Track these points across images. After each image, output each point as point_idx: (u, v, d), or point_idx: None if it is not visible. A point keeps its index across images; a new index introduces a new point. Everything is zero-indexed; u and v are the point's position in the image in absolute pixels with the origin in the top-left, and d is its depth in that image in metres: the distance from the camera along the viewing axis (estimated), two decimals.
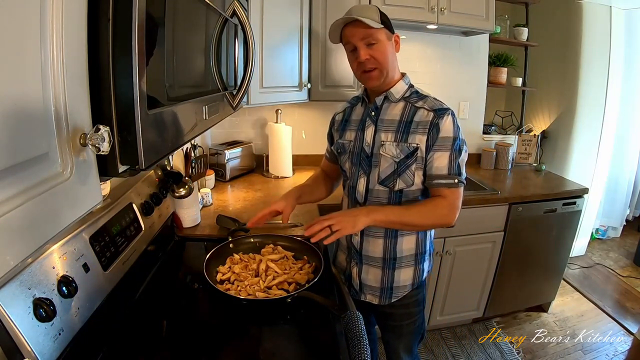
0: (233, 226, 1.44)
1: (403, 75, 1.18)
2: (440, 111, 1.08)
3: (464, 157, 1.11)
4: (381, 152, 1.13)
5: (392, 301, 1.25)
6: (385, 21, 1.09)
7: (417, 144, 1.09)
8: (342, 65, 1.99)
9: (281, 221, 1.16)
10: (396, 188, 1.14)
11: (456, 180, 1.09)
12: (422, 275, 1.26)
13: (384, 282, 1.23)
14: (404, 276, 1.23)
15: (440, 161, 1.08)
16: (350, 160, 1.22)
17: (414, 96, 1.15)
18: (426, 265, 1.27)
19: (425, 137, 1.08)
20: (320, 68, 1.97)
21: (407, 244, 1.21)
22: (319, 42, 1.94)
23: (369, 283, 1.25)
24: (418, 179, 1.13)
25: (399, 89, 1.15)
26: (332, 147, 1.32)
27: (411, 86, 1.17)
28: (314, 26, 1.92)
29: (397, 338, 1.34)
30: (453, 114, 1.09)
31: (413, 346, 1.37)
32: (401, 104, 1.14)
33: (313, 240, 1.00)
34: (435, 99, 1.14)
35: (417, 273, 1.24)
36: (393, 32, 1.12)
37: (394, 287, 1.23)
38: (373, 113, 1.17)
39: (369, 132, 1.16)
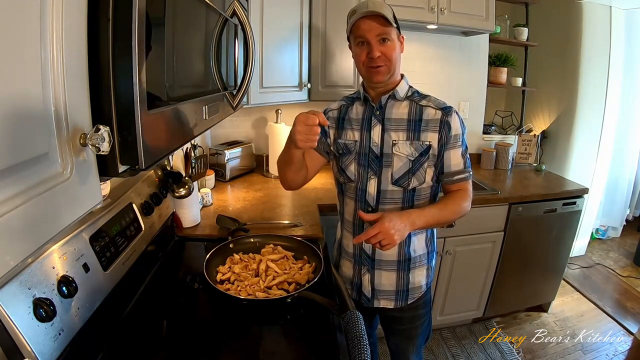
0: (233, 226, 1.44)
1: (402, 76, 1.19)
2: (447, 109, 1.12)
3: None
4: (394, 152, 1.13)
5: (409, 302, 1.24)
6: (397, 20, 1.10)
7: (430, 142, 1.12)
8: (341, 65, 1.99)
9: (282, 221, 1.15)
10: (410, 187, 1.14)
11: (470, 172, 1.17)
12: (432, 274, 1.28)
13: (399, 284, 1.22)
14: (418, 276, 1.23)
15: (456, 158, 1.13)
16: (356, 162, 1.19)
17: (416, 95, 1.17)
18: (434, 263, 1.28)
19: (437, 135, 1.11)
20: (320, 68, 1.97)
21: (419, 244, 1.21)
22: (318, 42, 1.94)
23: (383, 288, 1.23)
24: (429, 176, 1.15)
25: (403, 88, 1.16)
26: (332, 148, 1.26)
27: (410, 86, 1.19)
28: (314, 26, 1.92)
29: (406, 341, 1.34)
30: (456, 111, 1.14)
31: (421, 347, 1.37)
32: (406, 103, 1.15)
33: (356, 242, 1.09)
34: (436, 98, 1.17)
35: (429, 272, 1.26)
36: (400, 33, 1.13)
37: (410, 288, 1.23)
38: (378, 112, 1.15)
39: (376, 132, 1.15)
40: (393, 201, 1.16)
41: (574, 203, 2.18)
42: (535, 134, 2.64)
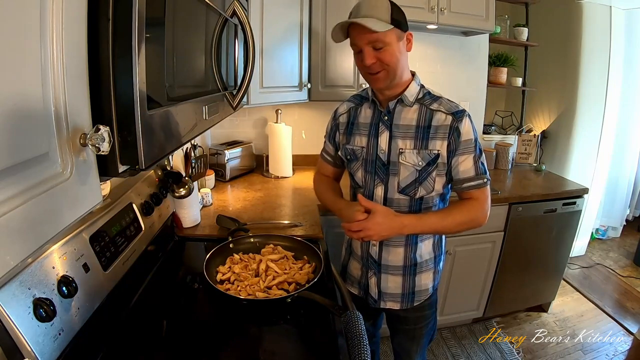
0: (233, 226, 1.44)
1: (413, 74, 1.12)
2: (458, 114, 1.06)
3: (483, 155, 1.10)
4: (401, 161, 1.09)
5: (415, 304, 1.24)
6: (397, 18, 1.00)
7: (438, 150, 1.07)
8: (342, 65, 1.99)
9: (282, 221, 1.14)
10: (417, 196, 1.11)
11: (485, 180, 1.09)
12: (439, 277, 1.26)
13: (405, 287, 1.22)
14: (425, 280, 1.22)
15: (466, 164, 1.07)
16: (363, 168, 1.17)
17: (427, 98, 1.10)
18: (441, 266, 1.27)
19: (445, 143, 1.06)
20: (320, 68, 1.97)
21: (426, 249, 1.20)
22: (318, 42, 1.94)
23: (389, 291, 1.23)
24: (438, 185, 1.11)
25: (412, 92, 1.09)
26: (340, 153, 1.24)
27: (422, 86, 1.13)
28: (314, 26, 1.92)
29: (410, 341, 1.34)
30: (469, 115, 1.07)
31: (425, 348, 1.37)
32: (415, 107, 1.09)
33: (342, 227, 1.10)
34: (449, 100, 1.10)
35: (436, 275, 1.24)
36: (406, 30, 1.04)
37: (416, 291, 1.22)
38: (386, 117, 1.11)
39: (384, 139, 1.11)
40: (399, 209, 1.14)
41: (574, 203, 2.18)
42: (535, 134, 2.64)
